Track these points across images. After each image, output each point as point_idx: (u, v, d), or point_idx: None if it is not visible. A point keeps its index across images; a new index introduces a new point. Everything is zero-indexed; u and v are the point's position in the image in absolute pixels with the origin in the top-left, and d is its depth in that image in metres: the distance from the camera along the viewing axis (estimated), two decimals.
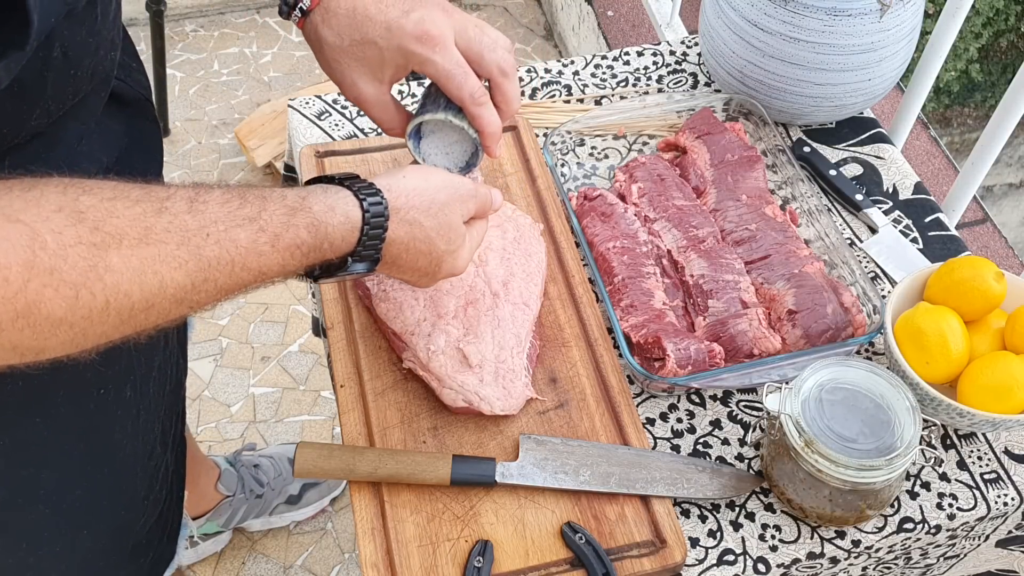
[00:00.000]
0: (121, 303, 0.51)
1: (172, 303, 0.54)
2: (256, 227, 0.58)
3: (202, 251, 0.55)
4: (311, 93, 1.45)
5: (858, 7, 0.98)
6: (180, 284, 0.54)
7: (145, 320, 0.54)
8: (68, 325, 0.50)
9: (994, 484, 0.85)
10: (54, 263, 0.48)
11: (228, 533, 1.59)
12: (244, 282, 0.58)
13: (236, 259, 0.57)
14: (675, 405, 0.90)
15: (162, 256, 0.53)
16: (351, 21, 0.73)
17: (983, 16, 3.99)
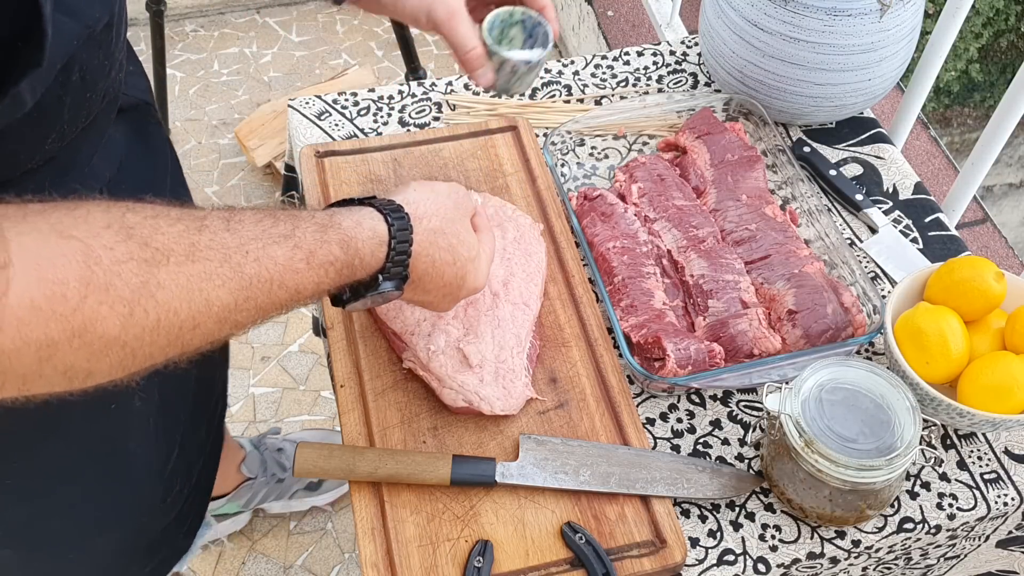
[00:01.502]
0: (171, 321, 0.51)
1: (216, 322, 0.54)
2: (291, 244, 0.59)
3: (243, 268, 0.55)
4: (311, 93, 1.45)
5: (858, 7, 0.98)
6: (224, 303, 0.54)
7: (190, 340, 0.54)
8: (120, 345, 0.49)
9: (994, 484, 0.85)
10: (109, 279, 0.48)
11: (247, 514, 1.60)
12: (280, 301, 0.59)
13: (274, 277, 0.57)
14: (675, 405, 0.90)
15: (207, 273, 0.53)
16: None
17: (983, 16, 3.99)
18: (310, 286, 0.60)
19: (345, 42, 2.54)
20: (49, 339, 0.46)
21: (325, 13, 2.62)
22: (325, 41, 2.54)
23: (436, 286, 0.73)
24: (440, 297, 0.75)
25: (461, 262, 0.73)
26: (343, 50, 2.52)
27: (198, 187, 2.18)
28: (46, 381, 0.49)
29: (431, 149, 1.07)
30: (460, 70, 0.89)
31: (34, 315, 0.45)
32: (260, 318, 0.59)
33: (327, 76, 2.41)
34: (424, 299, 0.75)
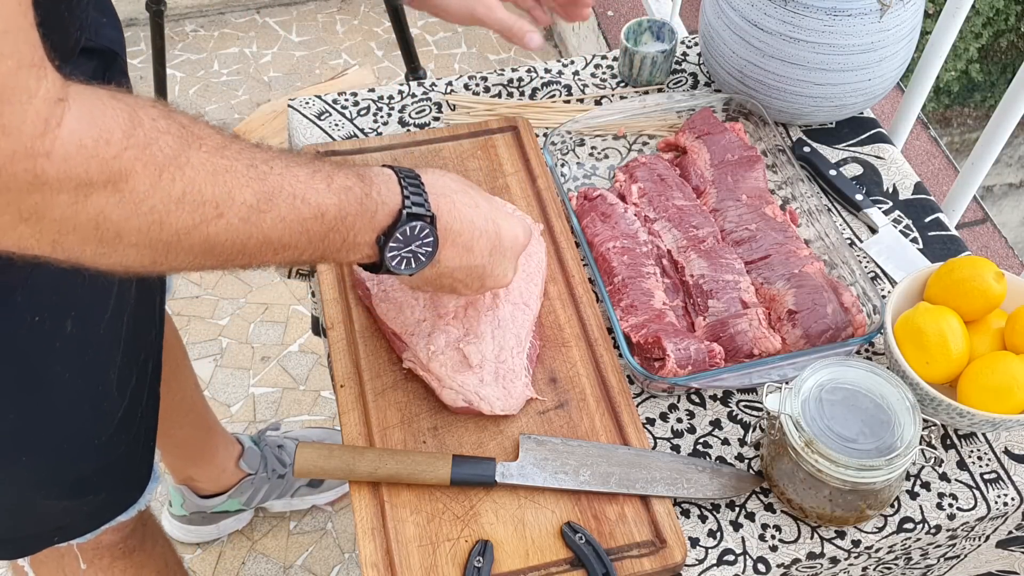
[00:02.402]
0: (195, 198, 0.55)
1: (240, 220, 0.58)
2: (312, 167, 0.63)
3: (267, 177, 0.59)
4: (311, 93, 1.45)
5: (858, 7, 0.98)
6: (247, 201, 0.58)
7: (216, 230, 0.57)
8: (149, 207, 0.53)
9: (994, 484, 0.85)
10: (148, 140, 0.52)
11: (250, 512, 1.60)
12: (305, 216, 0.62)
13: (297, 191, 0.61)
14: (675, 405, 0.90)
15: (233, 169, 0.57)
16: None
17: (983, 16, 3.99)
18: (332, 208, 0.63)
19: (345, 42, 2.54)
20: (88, 178, 0.50)
21: (325, 13, 2.62)
22: (325, 41, 2.54)
23: (472, 235, 0.73)
24: (486, 254, 0.74)
25: (485, 207, 0.74)
26: (343, 50, 2.52)
27: None
28: (79, 232, 0.52)
29: (431, 149, 1.07)
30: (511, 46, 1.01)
31: (79, 152, 0.49)
32: (291, 236, 0.61)
33: (327, 76, 2.41)
34: (468, 260, 0.74)
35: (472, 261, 0.74)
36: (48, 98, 0.48)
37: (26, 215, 0.50)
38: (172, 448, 1.45)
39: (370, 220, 0.67)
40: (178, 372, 1.31)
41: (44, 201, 0.50)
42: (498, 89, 1.19)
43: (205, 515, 1.56)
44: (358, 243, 0.67)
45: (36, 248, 0.52)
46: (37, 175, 0.48)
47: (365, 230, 0.67)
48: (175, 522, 1.58)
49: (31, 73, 0.47)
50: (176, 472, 1.52)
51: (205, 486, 1.53)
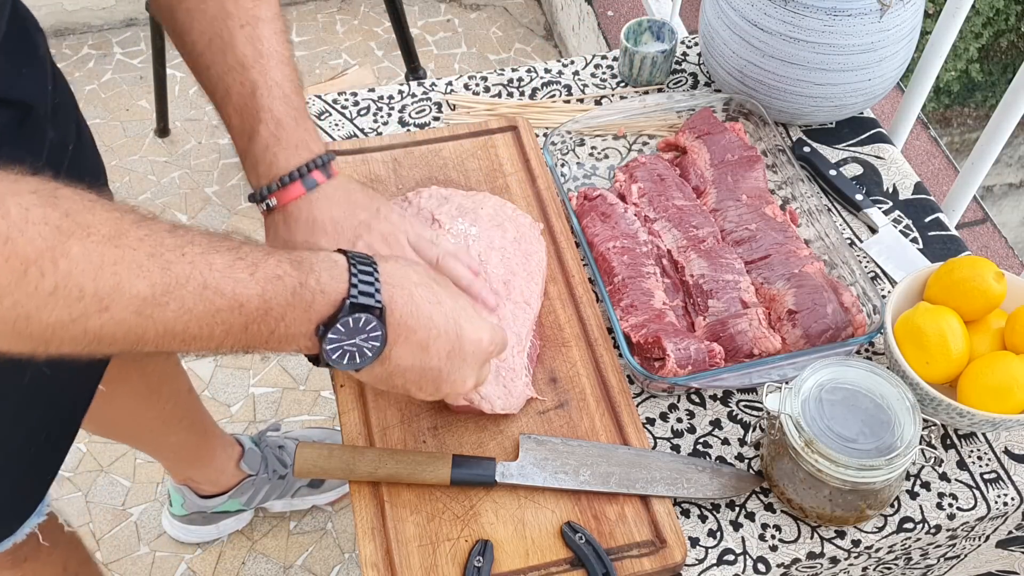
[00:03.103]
0: (71, 293, 0.51)
1: (132, 313, 0.53)
2: (235, 255, 0.58)
3: (172, 266, 0.54)
4: (311, 93, 1.45)
5: (858, 7, 0.98)
6: (139, 292, 0.53)
7: (99, 323, 0.52)
8: (11, 301, 0.49)
9: (994, 484, 0.85)
10: (11, 233, 0.48)
11: (250, 512, 1.60)
12: (218, 308, 0.57)
13: (209, 281, 0.56)
14: (675, 405, 0.90)
15: (127, 260, 0.52)
16: (308, 227, 0.77)
17: (983, 16, 3.99)
18: (254, 299, 0.58)
19: (345, 42, 2.54)
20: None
21: (325, 13, 2.62)
22: (325, 41, 2.54)
23: (428, 334, 0.67)
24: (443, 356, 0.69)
25: (448, 304, 0.69)
26: (343, 50, 2.52)
27: (198, 187, 2.18)
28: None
29: (431, 149, 1.07)
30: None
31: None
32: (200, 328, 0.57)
33: (327, 76, 2.41)
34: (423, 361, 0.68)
35: (427, 363, 0.68)
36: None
37: None
38: (168, 453, 1.45)
39: (305, 311, 0.61)
40: (169, 381, 1.30)
41: None
42: (498, 89, 1.19)
43: (205, 515, 1.56)
44: (291, 334, 0.62)
45: None
46: None
47: (299, 321, 0.61)
48: (175, 522, 1.58)
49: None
50: (175, 474, 1.52)
51: (205, 487, 1.53)
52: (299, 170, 0.77)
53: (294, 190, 0.77)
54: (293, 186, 0.77)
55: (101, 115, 2.33)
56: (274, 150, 0.77)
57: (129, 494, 1.67)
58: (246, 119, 0.78)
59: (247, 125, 0.78)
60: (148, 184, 2.18)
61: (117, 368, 1.13)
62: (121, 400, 1.21)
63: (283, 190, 0.77)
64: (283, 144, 0.78)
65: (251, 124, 0.78)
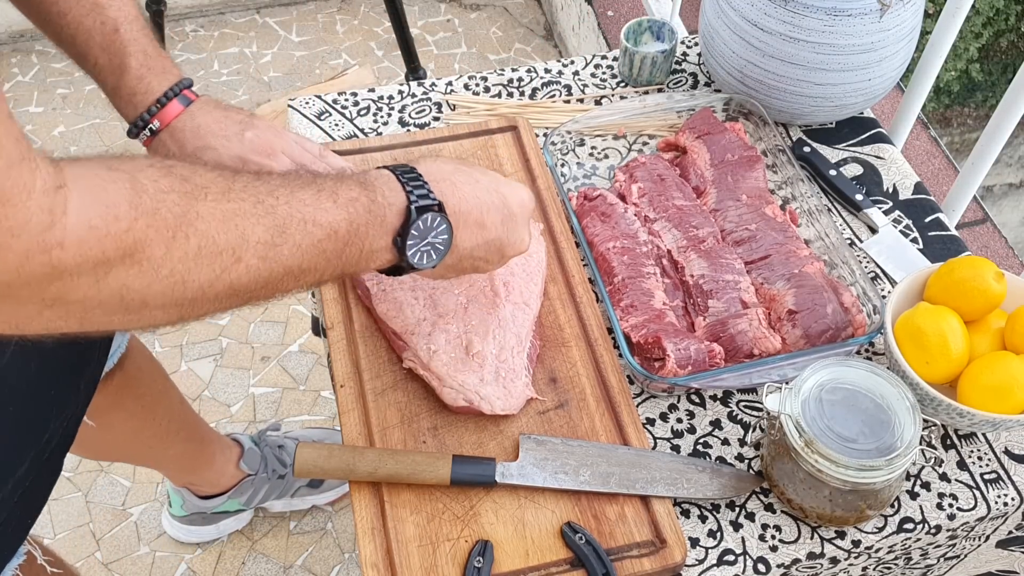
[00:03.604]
0: (211, 249, 0.55)
1: (258, 258, 0.58)
2: (315, 187, 0.63)
3: (275, 209, 0.59)
4: (311, 93, 1.45)
5: (858, 7, 0.98)
6: (261, 238, 0.58)
7: (237, 274, 0.57)
8: (168, 269, 0.53)
9: (994, 484, 0.85)
10: (155, 205, 0.52)
11: (250, 512, 1.60)
12: (319, 238, 0.61)
13: (306, 216, 0.61)
14: (675, 405, 0.90)
15: (242, 211, 0.57)
16: (194, 134, 0.86)
17: (983, 16, 3.99)
18: (343, 224, 0.63)
19: (345, 42, 2.54)
20: (105, 257, 0.50)
21: (325, 13, 2.62)
22: (325, 41, 2.54)
23: (481, 211, 0.72)
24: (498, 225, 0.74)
25: (483, 179, 0.74)
26: (343, 50, 2.52)
27: None
28: (104, 307, 0.52)
29: (431, 149, 1.07)
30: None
31: (91, 234, 0.49)
32: (309, 260, 0.61)
33: (327, 76, 2.41)
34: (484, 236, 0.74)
35: (488, 236, 0.74)
36: (47, 189, 0.47)
37: (50, 302, 0.50)
38: (168, 464, 1.45)
39: (381, 225, 0.66)
40: (162, 399, 1.29)
41: (65, 287, 0.49)
42: (498, 89, 1.19)
43: (205, 515, 1.56)
44: (375, 250, 0.67)
45: (65, 328, 0.52)
46: (55, 266, 0.48)
47: (379, 235, 0.67)
48: (175, 522, 1.58)
49: (24, 168, 0.46)
50: (176, 480, 1.52)
51: (205, 488, 1.53)
52: (172, 90, 0.85)
53: (173, 108, 0.85)
54: (171, 105, 0.85)
55: (101, 115, 2.33)
56: (147, 78, 0.85)
57: (129, 494, 1.67)
58: (114, 55, 0.84)
59: (115, 60, 0.85)
60: None
61: (110, 397, 1.13)
62: (119, 427, 1.21)
63: (163, 110, 0.85)
64: (154, 71, 0.86)
65: (120, 58, 0.85)
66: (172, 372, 1.79)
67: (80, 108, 2.34)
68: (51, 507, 1.65)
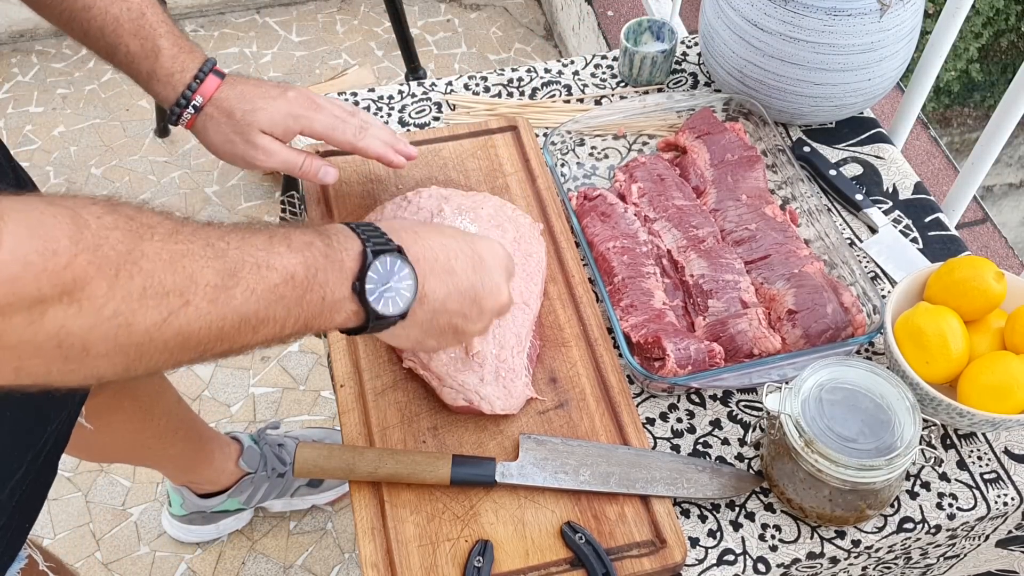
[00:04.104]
0: (157, 290, 0.52)
1: (207, 302, 0.55)
2: (267, 234, 0.62)
3: (227, 253, 0.57)
4: None
5: (858, 7, 0.98)
6: (210, 281, 0.55)
7: (186, 320, 0.54)
8: (111, 310, 0.50)
9: (994, 484, 0.85)
10: (97, 241, 0.50)
11: (249, 512, 1.60)
12: (274, 283, 0.59)
13: (259, 259, 0.59)
14: (675, 405, 0.90)
15: (190, 252, 0.55)
16: (240, 99, 0.88)
17: (983, 16, 3.99)
18: (299, 267, 0.61)
19: (345, 42, 2.54)
20: (41, 295, 0.47)
21: (325, 13, 2.62)
22: (325, 41, 2.54)
23: (448, 256, 0.70)
24: (469, 271, 0.71)
25: (448, 229, 0.73)
26: (343, 50, 2.52)
27: (198, 187, 2.18)
28: (41, 354, 0.49)
29: (431, 149, 1.07)
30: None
31: (26, 270, 0.46)
32: (266, 307, 0.59)
33: (327, 76, 2.41)
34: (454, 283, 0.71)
35: (459, 283, 0.71)
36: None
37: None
38: (168, 463, 1.45)
39: (340, 271, 0.64)
40: (159, 399, 1.30)
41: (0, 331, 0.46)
42: (498, 89, 1.19)
43: (205, 515, 1.56)
44: (337, 299, 0.64)
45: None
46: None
47: (339, 283, 0.64)
48: (175, 522, 1.58)
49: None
50: (176, 479, 1.52)
51: (205, 487, 1.53)
52: (206, 65, 0.89)
53: (212, 82, 0.88)
54: (209, 79, 0.88)
55: (101, 115, 2.33)
56: (181, 58, 0.88)
57: (129, 494, 1.67)
58: (145, 39, 0.86)
59: (148, 44, 0.86)
60: (148, 184, 2.18)
61: (108, 400, 1.12)
62: (117, 429, 1.22)
63: (203, 85, 0.88)
64: (185, 51, 0.88)
65: (152, 42, 0.86)
66: (171, 373, 1.79)
67: (80, 108, 2.34)
68: (51, 507, 1.65)
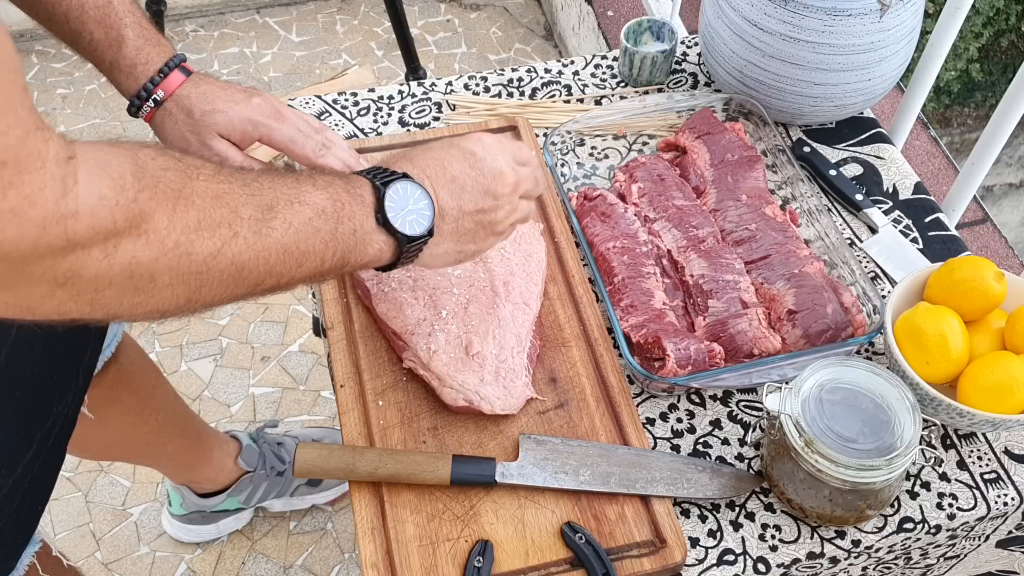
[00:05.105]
0: (208, 222, 0.56)
1: (252, 233, 0.59)
2: (294, 176, 0.66)
3: (261, 192, 0.61)
4: (311, 93, 1.45)
5: (858, 7, 0.98)
6: (251, 215, 0.59)
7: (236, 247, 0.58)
8: (173, 241, 0.54)
9: (994, 484, 0.85)
10: (156, 178, 0.54)
11: (249, 512, 1.60)
12: (308, 216, 0.63)
13: (291, 196, 0.63)
14: (675, 405, 0.90)
15: (231, 191, 0.59)
16: (201, 99, 0.87)
17: (983, 16, 3.99)
18: (327, 202, 0.65)
19: (345, 42, 2.54)
20: (115, 227, 0.51)
21: (325, 13, 2.62)
22: (325, 41, 2.54)
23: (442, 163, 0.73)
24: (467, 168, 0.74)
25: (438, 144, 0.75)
26: (343, 50, 2.52)
27: None
28: (114, 286, 0.52)
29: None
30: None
31: (102, 203, 0.50)
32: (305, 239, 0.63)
33: (327, 76, 2.41)
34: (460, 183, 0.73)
35: (464, 183, 0.74)
36: (59, 159, 0.48)
37: (62, 280, 0.50)
38: (166, 461, 1.45)
39: (362, 204, 0.68)
40: (156, 393, 1.29)
41: (78, 261, 0.50)
42: (498, 89, 1.19)
43: (204, 514, 1.56)
44: (366, 231, 0.68)
45: (75, 311, 0.52)
46: (69, 237, 0.48)
47: (364, 216, 0.68)
48: (174, 522, 1.58)
49: (38, 137, 0.47)
50: (175, 478, 1.52)
51: (204, 486, 1.53)
52: (172, 60, 0.87)
53: (175, 78, 0.87)
54: (173, 75, 0.87)
55: (101, 115, 2.33)
56: (146, 50, 0.86)
57: (129, 494, 1.67)
58: (110, 29, 0.85)
59: (112, 34, 0.85)
60: None
61: (106, 392, 1.13)
62: (114, 422, 1.22)
63: (166, 80, 0.86)
64: (151, 43, 0.87)
65: (116, 31, 0.85)
66: (172, 372, 1.79)
67: (80, 108, 2.34)
68: (51, 507, 1.65)
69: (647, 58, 1.16)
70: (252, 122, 0.87)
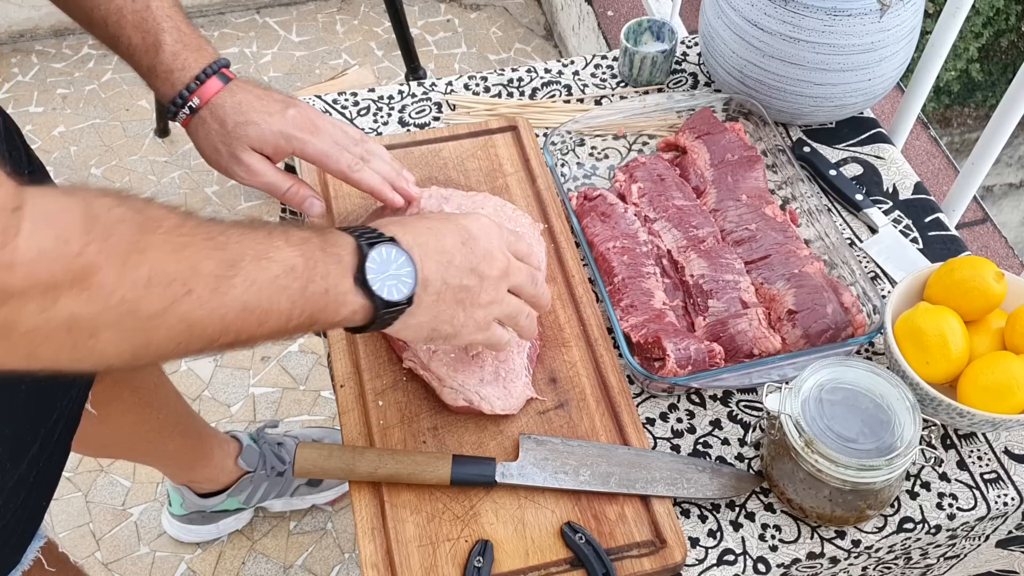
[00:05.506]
0: (161, 279, 0.54)
1: (209, 290, 0.57)
2: (265, 232, 0.63)
3: (227, 246, 0.59)
4: (311, 93, 1.45)
5: (858, 7, 0.98)
6: (211, 271, 0.57)
7: (188, 304, 0.56)
8: (119, 297, 0.52)
9: (994, 484, 0.85)
10: (107, 231, 0.52)
11: (249, 512, 1.60)
12: (275, 274, 0.61)
13: (259, 252, 0.60)
14: (675, 405, 0.90)
15: (193, 244, 0.57)
16: (235, 110, 0.84)
17: (983, 16, 3.99)
18: (298, 260, 0.62)
19: (345, 42, 2.54)
20: (54, 282, 0.49)
21: (325, 13, 2.62)
22: (325, 41, 2.54)
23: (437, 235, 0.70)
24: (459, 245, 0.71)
25: (437, 216, 0.74)
26: (343, 50, 2.52)
27: (198, 187, 2.18)
28: (53, 341, 0.51)
29: (431, 149, 1.08)
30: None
31: (41, 257, 0.48)
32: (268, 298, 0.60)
33: (327, 76, 2.41)
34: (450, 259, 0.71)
35: (453, 258, 0.71)
36: (5, 208, 0.47)
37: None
38: (167, 461, 1.45)
39: (338, 264, 0.65)
40: (158, 391, 1.30)
41: (13, 314, 0.48)
42: (498, 89, 1.19)
43: (204, 514, 1.56)
44: (340, 292, 0.65)
45: (9, 363, 0.51)
46: (3, 289, 0.47)
47: (339, 276, 0.65)
48: (175, 522, 1.58)
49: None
50: (175, 478, 1.52)
51: (204, 486, 1.53)
52: (210, 67, 0.85)
53: (212, 85, 0.84)
54: (210, 82, 0.84)
55: (101, 115, 2.33)
56: (183, 55, 0.84)
57: (129, 494, 1.67)
58: (148, 33, 0.83)
59: (150, 39, 0.83)
60: (148, 184, 2.18)
61: (108, 389, 1.13)
62: (116, 419, 1.22)
63: (203, 87, 0.84)
64: (190, 48, 0.85)
65: (154, 36, 0.83)
66: (172, 372, 1.79)
67: (80, 108, 2.34)
68: (51, 507, 1.65)
69: (647, 58, 1.16)
70: (285, 135, 0.85)
